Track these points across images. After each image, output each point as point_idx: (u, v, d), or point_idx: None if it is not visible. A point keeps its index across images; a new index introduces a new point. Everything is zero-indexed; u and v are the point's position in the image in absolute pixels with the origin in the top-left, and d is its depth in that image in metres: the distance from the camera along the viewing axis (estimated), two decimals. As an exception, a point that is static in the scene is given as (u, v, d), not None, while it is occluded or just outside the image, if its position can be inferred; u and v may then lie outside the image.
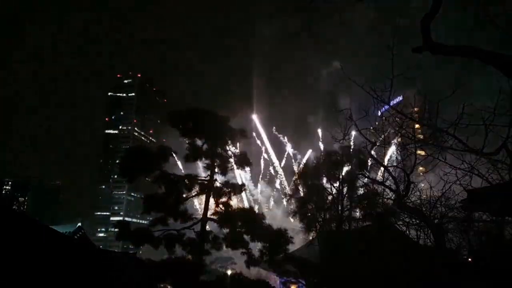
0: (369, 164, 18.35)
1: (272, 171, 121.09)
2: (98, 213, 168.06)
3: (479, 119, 7.59)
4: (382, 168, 14.09)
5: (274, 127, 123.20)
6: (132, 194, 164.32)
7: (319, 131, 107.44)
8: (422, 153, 12.04)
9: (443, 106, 8.64)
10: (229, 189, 19.09)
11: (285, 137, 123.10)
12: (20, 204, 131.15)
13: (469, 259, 11.76)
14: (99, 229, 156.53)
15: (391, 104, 9.85)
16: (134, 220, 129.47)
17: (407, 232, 13.70)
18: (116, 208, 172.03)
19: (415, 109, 10.62)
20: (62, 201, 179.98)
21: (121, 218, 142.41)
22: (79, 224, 33.05)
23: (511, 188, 8.56)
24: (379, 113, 11.99)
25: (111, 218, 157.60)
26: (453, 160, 9.14)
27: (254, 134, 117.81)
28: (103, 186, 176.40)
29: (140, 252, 32.84)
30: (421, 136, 10.18)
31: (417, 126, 10.19)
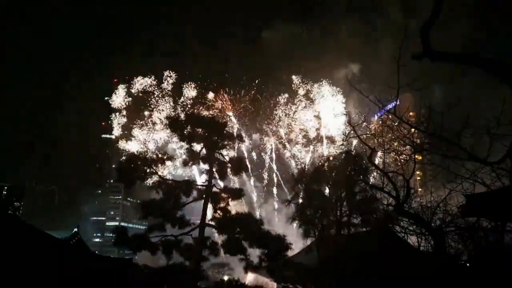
0: (369, 169, 18.29)
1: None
2: (94, 218, 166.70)
3: (484, 127, 7.57)
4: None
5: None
6: (129, 199, 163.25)
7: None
8: (420, 157, 12.03)
9: (452, 112, 8.58)
10: (228, 195, 19.03)
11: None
12: (15, 209, 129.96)
13: (468, 265, 11.71)
14: (95, 234, 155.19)
15: (390, 110, 9.80)
16: (131, 225, 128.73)
17: (406, 237, 13.64)
18: (112, 213, 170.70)
19: (411, 113, 10.58)
20: (58, 206, 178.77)
21: (117, 223, 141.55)
22: (75, 229, 32.72)
23: (510, 194, 8.56)
24: (379, 119, 12.01)
25: (107, 223, 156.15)
26: (454, 166, 9.10)
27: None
28: (99, 191, 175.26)
29: (136, 258, 32.51)
30: (418, 141, 10.15)
31: (415, 130, 10.17)
